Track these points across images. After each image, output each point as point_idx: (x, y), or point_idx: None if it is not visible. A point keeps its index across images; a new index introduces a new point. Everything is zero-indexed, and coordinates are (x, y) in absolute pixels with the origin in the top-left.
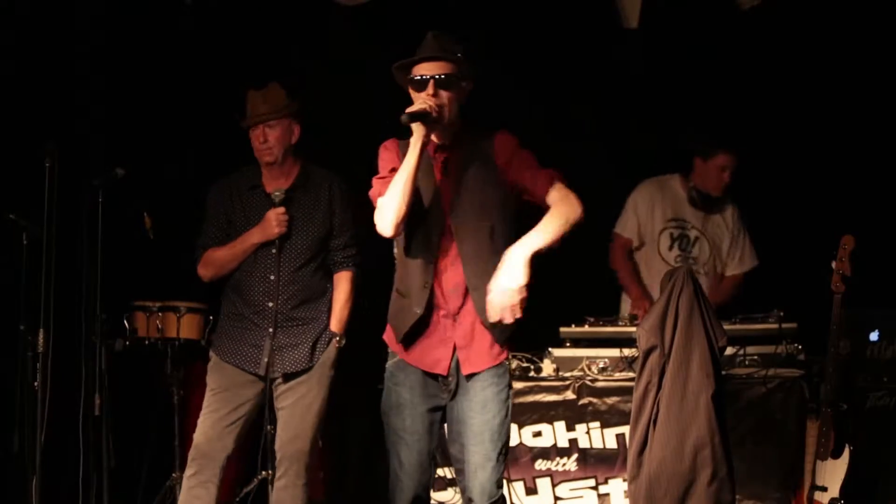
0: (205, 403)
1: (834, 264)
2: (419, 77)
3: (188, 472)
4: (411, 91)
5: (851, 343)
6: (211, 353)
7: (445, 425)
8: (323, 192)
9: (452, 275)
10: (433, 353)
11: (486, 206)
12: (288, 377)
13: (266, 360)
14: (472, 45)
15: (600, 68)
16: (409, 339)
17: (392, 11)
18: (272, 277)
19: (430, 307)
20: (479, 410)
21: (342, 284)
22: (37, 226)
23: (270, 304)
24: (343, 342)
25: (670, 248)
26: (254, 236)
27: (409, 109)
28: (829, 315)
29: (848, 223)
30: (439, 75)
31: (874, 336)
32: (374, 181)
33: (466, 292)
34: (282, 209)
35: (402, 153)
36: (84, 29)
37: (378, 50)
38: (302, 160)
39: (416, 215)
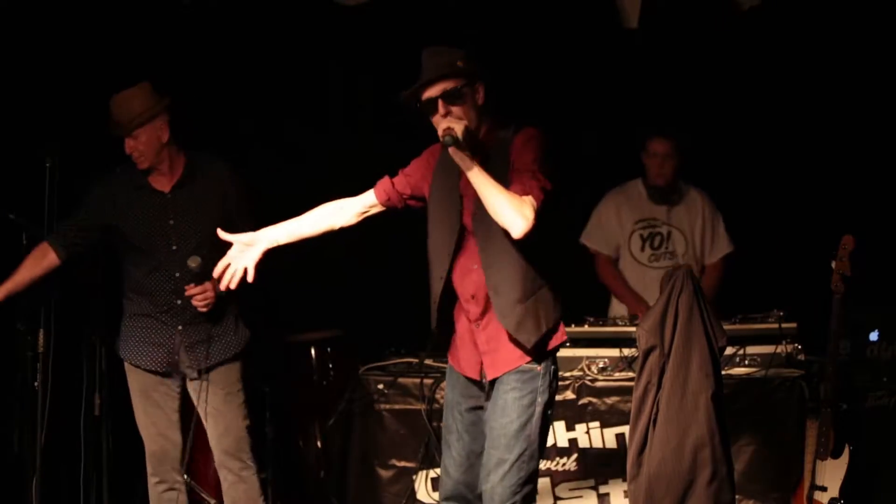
0: (137, 409)
1: (834, 264)
2: (426, 101)
3: (152, 480)
4: (426, 115)
5: (851, 343)
6: (122, 356)
7: None
8: (211, 183)
9: (473, 280)
10: (466, 360)
11: None
12: (201, 373)
13: (176, 357)
14: (471, 44)
15: (599, 68)
16: (452, 345)
17: (392, 11)
18: (177, 275)
19: (460, 314)
20: (499, 414)
21: None
22: (37, 226)
23: (179, 302)
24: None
25: (642, 248)
26: None
27: (441, 133)
28: (829, 315)
29: (848, 223)
30: (445, 92)
31: (874, 336)
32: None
33: (488, 298)
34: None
35: (435, 163)
36: (84, 28)
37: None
38: (186, 151)
39: (438, 221)
